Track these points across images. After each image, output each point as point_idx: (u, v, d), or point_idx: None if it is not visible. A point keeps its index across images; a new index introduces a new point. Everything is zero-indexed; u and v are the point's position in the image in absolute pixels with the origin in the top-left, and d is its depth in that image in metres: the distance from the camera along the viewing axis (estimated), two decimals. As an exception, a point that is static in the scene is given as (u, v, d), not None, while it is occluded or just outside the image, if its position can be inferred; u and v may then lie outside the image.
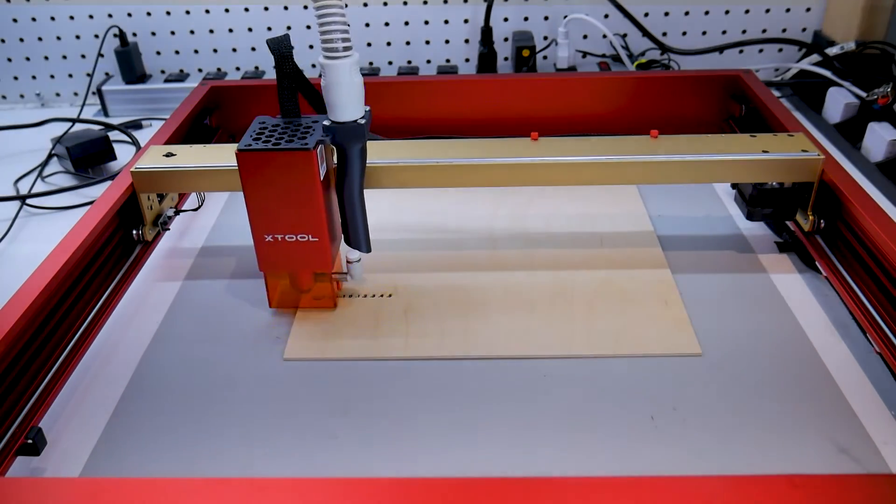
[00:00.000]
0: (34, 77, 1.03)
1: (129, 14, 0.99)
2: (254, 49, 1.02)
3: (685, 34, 1.00)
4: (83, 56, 1.01)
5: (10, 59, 1.01)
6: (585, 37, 1.00)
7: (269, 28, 1.00)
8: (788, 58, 1.01)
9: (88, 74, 1.01)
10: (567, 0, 0.98)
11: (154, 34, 1.00)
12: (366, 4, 0.98)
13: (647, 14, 0.99)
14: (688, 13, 0.99)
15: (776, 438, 0.45)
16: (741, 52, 1.01)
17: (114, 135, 0.87)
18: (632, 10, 0.95)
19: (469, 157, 0.59)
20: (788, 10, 0.98)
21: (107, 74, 1.00)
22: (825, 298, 0.58)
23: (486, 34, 0.94)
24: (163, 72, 1.02)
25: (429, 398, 0.49)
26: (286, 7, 0.98)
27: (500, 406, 0.48)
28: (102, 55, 0.98)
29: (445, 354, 0.52)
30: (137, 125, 0.94)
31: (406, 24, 1.00)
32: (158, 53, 1.02)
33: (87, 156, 0.79)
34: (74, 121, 0.89)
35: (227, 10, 0.98)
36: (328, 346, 0.54)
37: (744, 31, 1.00)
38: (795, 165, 0.58)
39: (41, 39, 1.00)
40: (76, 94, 1.04)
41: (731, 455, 0.44)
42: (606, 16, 0.98)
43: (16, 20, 0.99)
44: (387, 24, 1.00)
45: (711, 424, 0.46)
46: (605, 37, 0.99)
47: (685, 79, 0.80)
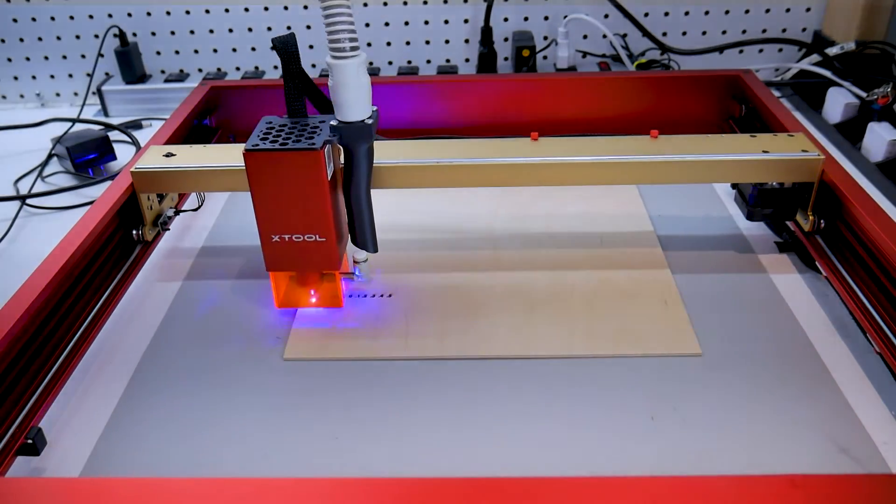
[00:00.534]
0: (34, 77, 1.03)
1: (129, 14, 0.99)
2: (254, 49, 1.02)
3: (685, 34, 1.00)
4: (83, 56, 1.01)
5: (10, 59, 1.01)
6: (585, 37, 1.00)
7: (269, 28, 1.00)
8: (788, 58, 1.01)
9: (88, 74, 1.01)
10: (567, 0, 0.98)
11: (154, 34, 1.00)
12: (366, 4, 0.98)
13: (647, 14, 0.99)
14: (688, 13, 0.99)
15: (776, 438, 0.45)
16: (741, 52, 1.01)
17: (114, 135, 0.87)
18: (632, 10, 0.95)
19: (469, 157, 0.59)
20: (788, 10, 0.98)
21: (107, 74, 1.00)
22: (825, 298, 0.58)
23: (486, 34, 0.94)
24: (163, 72, 1.02)
25: (429, 398, 0.49)
26: (286, 7, 0.98)
27: (501, 406, 0.48)
28: (102, 55, 0.98)
29: (445, 354, 0.52)
30: (137, 125, 0.94)
31: (406, 24, 1.00)
32: (158, 53, 1.02)
33: (88, 156, 0.79)
34: (74, 121, 0.90)
35: (227, 10, 0.98)
36: (328, 346, 0.54)
37: (744, 31, 1.00)
38: (795, 165, 0.58)
39: (41, 39, 1.00)
40: (76, 94, 1.04)
41: (731, 455, 0.44)
42: (606, 16, 0.98)
43: (16, 20, 0.99)
44: (387, 24, 1.00)
45: (711, 424, 0.46)
46: (605, 37, 0.99)
47: (685, 79, 0.80)
